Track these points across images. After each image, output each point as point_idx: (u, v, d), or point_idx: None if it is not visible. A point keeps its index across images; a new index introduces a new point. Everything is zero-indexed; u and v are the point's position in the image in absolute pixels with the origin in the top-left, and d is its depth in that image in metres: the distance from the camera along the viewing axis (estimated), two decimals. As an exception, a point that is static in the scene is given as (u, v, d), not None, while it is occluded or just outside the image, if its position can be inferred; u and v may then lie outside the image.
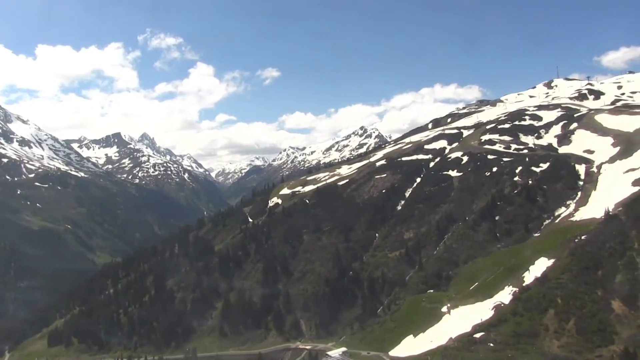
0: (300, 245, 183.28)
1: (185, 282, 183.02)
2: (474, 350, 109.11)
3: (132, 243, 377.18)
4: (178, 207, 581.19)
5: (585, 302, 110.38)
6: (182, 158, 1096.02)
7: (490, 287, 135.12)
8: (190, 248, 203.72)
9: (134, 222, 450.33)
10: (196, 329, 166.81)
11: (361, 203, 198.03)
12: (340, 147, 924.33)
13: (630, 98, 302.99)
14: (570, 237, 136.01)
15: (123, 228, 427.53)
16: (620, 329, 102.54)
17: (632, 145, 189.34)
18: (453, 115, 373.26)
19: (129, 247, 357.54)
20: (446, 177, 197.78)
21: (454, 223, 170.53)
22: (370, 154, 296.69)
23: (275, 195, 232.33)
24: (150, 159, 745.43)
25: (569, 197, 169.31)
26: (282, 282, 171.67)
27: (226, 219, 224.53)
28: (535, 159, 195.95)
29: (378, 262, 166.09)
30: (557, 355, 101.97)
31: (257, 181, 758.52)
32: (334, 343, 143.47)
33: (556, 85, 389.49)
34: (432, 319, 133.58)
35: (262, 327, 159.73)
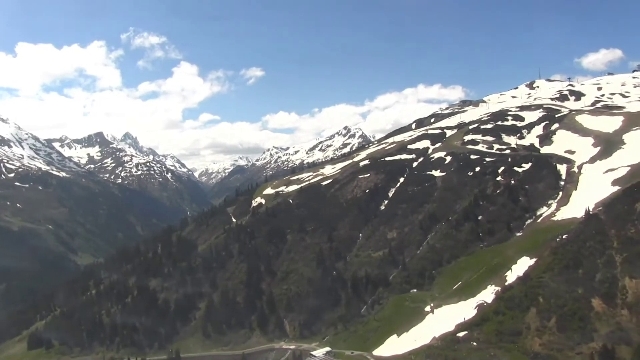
0: (284, 245, 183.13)
1: (169, 282, 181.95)
2: (457, 349, 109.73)
3: (115, 243, 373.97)
4: (161, 207, 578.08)
5: (566, 300, 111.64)
6: (165, 158, 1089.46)
7: (473, 286, 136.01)
8: (173, 248, 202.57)
9: (117, 222, 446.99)
10: (179, 330, 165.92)
11: (345, 203, 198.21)
12: (323, 147, 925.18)
13: (609, 99, 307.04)
14: (551, 237, 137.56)
15: (105, 228, 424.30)
16: (599, 327, 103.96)
17: (611, 145, 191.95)
18: (436, 116, 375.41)
19: (111, 247, 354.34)
20: (429, 177, 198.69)
21: (437, 223, 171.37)
22: (353, 154, 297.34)
23: (259, 195, 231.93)
24: (133, 158, 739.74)
25: (551, 197, 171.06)
26: (265, 282, 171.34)
27: (209, 219, 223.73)
28: (517, 159, 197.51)
29: (362, 262, 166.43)
30: (538, 353, 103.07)
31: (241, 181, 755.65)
32: (318, 343, 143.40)
33: (538, 86, 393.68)
34: (416, 318, 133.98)
35: (245, 328, 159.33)
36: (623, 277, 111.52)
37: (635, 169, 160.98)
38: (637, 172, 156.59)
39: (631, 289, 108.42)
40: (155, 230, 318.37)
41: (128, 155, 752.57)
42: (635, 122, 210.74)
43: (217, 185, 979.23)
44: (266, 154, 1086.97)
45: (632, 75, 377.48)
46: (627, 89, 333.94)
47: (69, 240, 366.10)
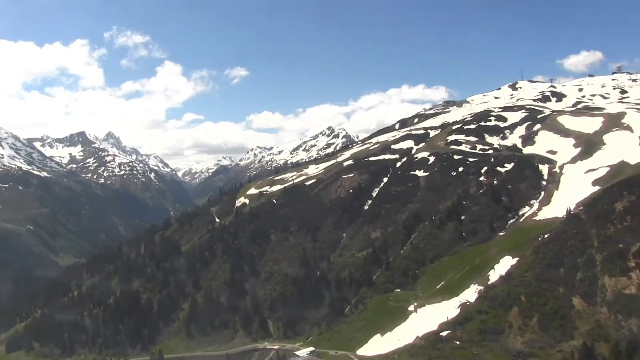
0: (267, 245, 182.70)
1: (152, 283, 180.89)
2: (441, 349, 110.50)
3: (97, 244, 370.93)
4: (144, 207, 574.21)
5: (548, 299, 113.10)
6: (148, 157, 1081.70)
7: (456, 285, 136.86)
8: (156, 248, 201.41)
9: (99, 223, 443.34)
10: (162, 330, 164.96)
11: (328, 203, 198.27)
12: (307, 147, 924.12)
13: (590, 100, 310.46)
14: (533, 236, 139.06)
15: (88, 229, 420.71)
16: (579, 324, 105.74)
17: (592, 146, 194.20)
18: (420, 116, 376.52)
19: (93, 248, 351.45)
20: (413, 177, 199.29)
21: (420, 222, 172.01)
22: (337, 154, 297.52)
23: (243, 195, 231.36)
24: (115, 158, 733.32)
25: (533, 197, 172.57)
26: (249, 282, 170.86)
27: (193, 219, 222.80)
28: (500, 159, 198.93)
29: (345, 262, 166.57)
30: (520, 351, 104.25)
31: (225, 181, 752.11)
32: (302, 343, 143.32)
33: (520, 87, 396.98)
34: (399, 317, 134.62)
35: (229, 328, 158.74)
36: (603, 276, 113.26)
37: (615, 169, 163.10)
38: (617, 173, 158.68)
39: (610, 287, 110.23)
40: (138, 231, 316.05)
41: (111, 155, 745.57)
42: (614, 123, 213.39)
43: (200, 185, 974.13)
44: (250, 153, 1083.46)
45: (611, 77, 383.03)
46: (607, 91, 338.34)
47: (50, 241, 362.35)
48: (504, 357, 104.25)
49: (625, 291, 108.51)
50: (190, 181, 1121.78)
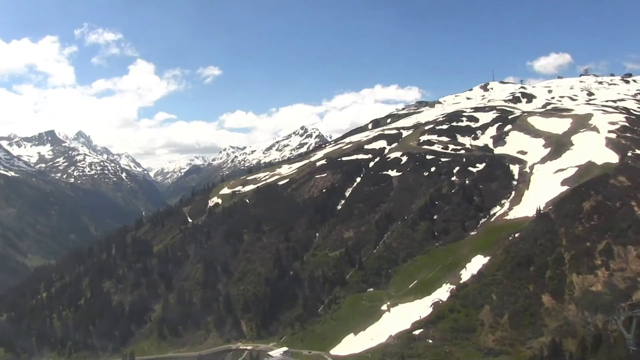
0: (240, 245, 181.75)
1: (123, 284, 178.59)
2: (414, 347, 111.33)
3: (67, 245, 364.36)
4: (115, 207, 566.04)
5: (518, 297, 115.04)
6: (119, 157, 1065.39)
7: (428, 284, 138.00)
8: (128, 249, 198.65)
9: (69, 223, 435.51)
10: (134, 332, 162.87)
11: (301, 203, 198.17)
12: (280, 147, 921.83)
13: (559, 102, 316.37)
14: (504, 235, 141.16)
15: (57, 229, 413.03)
16: (548, 322, 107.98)
17: (561, 146, 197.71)
18: (393, 116, 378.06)
19: (63, 249, 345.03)
20: (386, 176, 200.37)
21: (393, 222, 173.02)
22: (310, 154, 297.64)
23: (215, 195, 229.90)
24: (86, 157, 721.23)
25: (504, 197, 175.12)
26: (222, 283, 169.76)
27: (165, 219, 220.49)
28: (471, 160, 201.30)
29: (318, 262, 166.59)
30: (492, 349, 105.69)
31: (197, 181, 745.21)
32: (275, 343, 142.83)
33: (492, 88, 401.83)
34: (373, 317, 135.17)
35: (202, 329, 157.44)
36: (571, 274, 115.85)
37: (583, 169, 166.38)
38: (584, 173, 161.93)
39: (578, 285, 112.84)
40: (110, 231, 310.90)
41: (81, 155, 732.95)
42: (582, 124, 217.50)
43: (173, 185, 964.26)
44: (223, 153, 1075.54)
45: (579, 79, 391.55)
46: (575, 92, 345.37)
47: (17, 242, 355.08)
48: (475, 354, 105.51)
49: (591, 288, 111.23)
50: (162, 181, 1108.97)
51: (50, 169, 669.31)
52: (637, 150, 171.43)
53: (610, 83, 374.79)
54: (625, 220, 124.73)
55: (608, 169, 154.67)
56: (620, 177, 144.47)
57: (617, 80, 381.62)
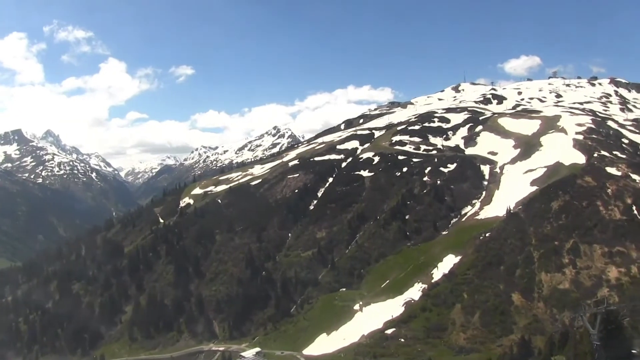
0: (212, 245, 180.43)
1: (93, 285, 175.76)
2: (386, 346, 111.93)
3: (35, 246, 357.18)
4: (85, 208, 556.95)
5: (489, 296, 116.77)
6: (89, 157, 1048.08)
7: (400, 284, 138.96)
8: (98, 250, 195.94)
9: (37, 224, 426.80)
10: (104, 335, 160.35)
11: (274, 203, 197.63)
12: (253, 147, 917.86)
13: (528, 103, 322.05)
14: (475, 235, 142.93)
15: (24, 231, 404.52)
16: (518, 319, 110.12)
17: (530, 147, 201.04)
18: (365, 117, 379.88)
19: (30, 250, 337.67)
20: (358, 177, 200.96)
21: (365, 222, 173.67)
22: (283, 154, 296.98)
23: (187, 195, 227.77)
24: (55, 157, 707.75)
25: (475, 197, 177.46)
26: (194, 284, 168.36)
27: (136, 220, 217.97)
28: (443, 160, 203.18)
29: (291, 262, 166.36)
30: (463, 347, 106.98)
31: (169, 181, 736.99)
32: (248, 344, 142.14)
33: (463, 89, 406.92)
34: (345, 317, 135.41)
35: (174, 330, 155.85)
36: (540, 272, 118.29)
37: (551, 169, 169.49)
38: (553, 173, 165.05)
39: (546, 283, 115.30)
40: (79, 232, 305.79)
41: (50, 154, 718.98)
42: (551, 125, 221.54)
43: (144, 185, 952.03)
44: (195, 153, 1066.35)
45: (548, 82, 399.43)
46: (544, 94, 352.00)
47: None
48: (447, 353, 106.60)
49: (559, 286, 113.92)
50: (133, 181, 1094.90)
51: (17, 168, 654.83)
52: (603, 151, 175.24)
53: (578, 86, 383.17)
54: (592, 220, 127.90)
55: (575, 170, 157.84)
56: (587, 178, 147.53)
57: (584, 83, 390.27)
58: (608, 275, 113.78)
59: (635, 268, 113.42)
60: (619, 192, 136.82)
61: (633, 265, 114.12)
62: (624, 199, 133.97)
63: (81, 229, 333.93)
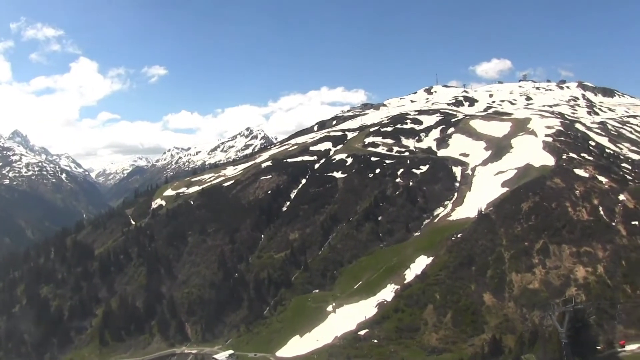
0: (184, 247, 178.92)
1: (62, 289, 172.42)
2: (359, 347, 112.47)
3: (1, 249, 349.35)
4: (54, 209, 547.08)
5: (461, 296, 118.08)
6: (59, 157, 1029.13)
7: (373, 285, 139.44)
8: (67, 253, 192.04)
9: (3, 227, 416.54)
10: (74, 339, 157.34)
11: (247, 204, 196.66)
12: (225, 148, 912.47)
13: (499, 106, 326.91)
14: (447, 236, 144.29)
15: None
16: (489, 319, 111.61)
17: (501, 149, 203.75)
18: (338, 118, 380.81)
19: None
20: (331, 178, 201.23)
21: (338, 223, 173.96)
22: (256, 155, 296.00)
23: (159, 197, 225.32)
24: (22, 158, 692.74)
25: (447, 198, 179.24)
26: (166, 286, 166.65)
27: (107, 222, 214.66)
28: (415, 162, 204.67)
29: (264, 263, 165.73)
30: (435, 347, 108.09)
31: (140, 182, 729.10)
32: (221, 346, 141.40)
33: (435, 91, 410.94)
34: (318, 318, 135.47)
35: (145, 333, 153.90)
36: (510, 272, 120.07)
37: (522, 171, 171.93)
38: (523, 175, 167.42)
39: (517, 283, 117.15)
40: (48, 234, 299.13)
41: (17, 155, 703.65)
42: (521, 127, 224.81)
43: (115, 187, 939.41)
44: (167, 154, 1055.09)
45: (518, 85, 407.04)
46: (515, 97, 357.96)
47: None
48: (420, 353, 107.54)
49: (529, 286, 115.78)
50: (104, 182, 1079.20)
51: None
52: (571, 153, 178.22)
53: (547, 89, 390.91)
54: (560, 220, 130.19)
55: (545, 171, 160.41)
56: (556, 179, 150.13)
57: (552, 86, 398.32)
58: (576, 275, 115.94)
59: (601, 267, 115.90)
60: (586, 194, 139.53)
61: (599, 265, 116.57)
62: (591, 200, 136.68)
63: (50, 231, 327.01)
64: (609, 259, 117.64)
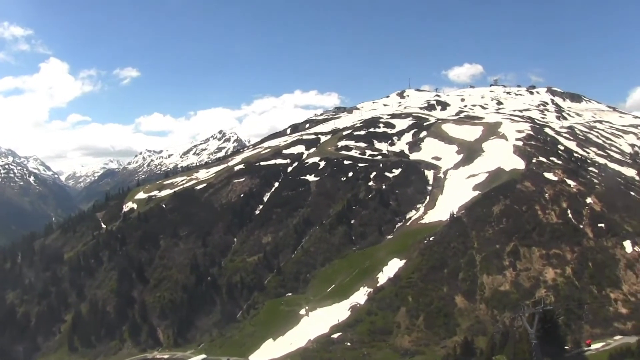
0: (156, 251, 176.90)
1: (30, 294, 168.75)
2: (332, 350, 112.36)
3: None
4: (22, 213, 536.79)
5: (433, 298, 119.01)
6: (27, 160, 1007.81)
7: (346, 288, 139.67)
8: (35, 257, 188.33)
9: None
10: (41, 346, 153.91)
11: (219, 207, 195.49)
12: (198, 151, 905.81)
13: (471, 110, 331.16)
14: (419, 239, 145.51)
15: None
16: (461, 321, 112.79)
17: (472, 153, 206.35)
18: (311, 121, 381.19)
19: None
20: (304, 181, 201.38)
21: (311, 227, 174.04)
22: (228, 158, 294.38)
23: (131, 200, 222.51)
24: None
25: (419, 201, 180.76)
26: (137, 290, 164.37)
27: (77, 225, 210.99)
28: (388, 165, 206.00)
29: (236, 267, 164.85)
30: (408, 349, 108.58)
31: (112, 185, 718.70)
32: (193, 350, 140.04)
33: (408, 95, 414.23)
34: (291, 321, 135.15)
35: (116, 338, 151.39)
36: (482, 275, 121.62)
37: (493, 175, 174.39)
38: (494, 178, 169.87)
39: (488, 285, 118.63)
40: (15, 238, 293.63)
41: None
42: (492, 131, 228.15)
43: (85, 190, 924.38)
44: (139, 157, 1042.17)
45: (489, 89, 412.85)
46: (486, 102, 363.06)
47: None
48: (392, 356, 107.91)
49: (500, 288, 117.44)
50: (74, 185, 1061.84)
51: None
52: (541, 157, 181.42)
53: (517, 94, 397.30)
54: (530, 223, 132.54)
55: (515, 175, 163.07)
56: (526, 183, 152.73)
57: (523, 91, 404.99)
58: (545, 277, 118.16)
59: (570, 269, 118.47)
60: (555, 197, 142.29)
61: (568, 267, 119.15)
62: (560, 203, 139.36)
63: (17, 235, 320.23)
64: (577, 260, 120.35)
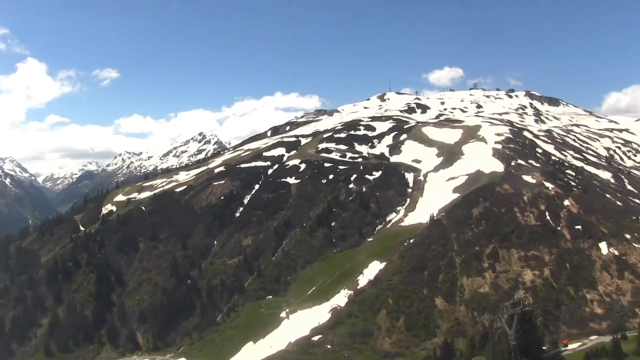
0: (136, 254, 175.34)
1: (4, 298, 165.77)
2: (313, 353, 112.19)
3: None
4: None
5: (413, 300, 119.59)
6: (3, 161, 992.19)
7: (327, 290, 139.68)
8: (11, 260, 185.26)
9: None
10: (16, 351, 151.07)
11: (199, 210, 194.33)
12: (178, 153, 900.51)
13: (451, 113, 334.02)
14: (400, 241, 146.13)
15: None
16: (441, 323, 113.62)
17: (452, 155, 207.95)
18: (292, 124, 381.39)
19: None
20: (284, 184, 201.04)
21: (291, 229, 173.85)
22: (209, 161, 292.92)
23: (110, 202, 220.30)
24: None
25: (399, 204, 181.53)
26: (116, 293, 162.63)
27: (55, 228, 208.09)
28: (368, 167, 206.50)
29: (216, 270, 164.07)
30: (388, 351, 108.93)
31: (90, 187, 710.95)
32: (173, 354, 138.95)
33: (388, 98, 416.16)
34: (272, 324, 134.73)
35: (94, 342, 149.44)
36: (461, 277, 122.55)
37: (472, 177, 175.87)
38: (474, 181, 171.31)
39: (467, 287, 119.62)
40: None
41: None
42: (472, 134, 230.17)
43: (63, 192, 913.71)
44: (118, 159, 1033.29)
45: (469, 93, 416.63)
46: (466, 105, 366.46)
47: None
48: (373, 358, 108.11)
49: (480, 290, 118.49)
50: (52, 187, 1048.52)
51: None
52: (520, 160, 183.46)
53: (497, 97, 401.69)
54: (509, 225, 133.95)
55: (495, 178, 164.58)
56: (505, 185, 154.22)
57: (502, 95, 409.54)
58: (524, 278, 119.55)
59: (548, 270, 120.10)
60: (533, 199, 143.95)
61: (545, 268, 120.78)
62: (538, 206, 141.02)
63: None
64: (555, 262, 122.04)
